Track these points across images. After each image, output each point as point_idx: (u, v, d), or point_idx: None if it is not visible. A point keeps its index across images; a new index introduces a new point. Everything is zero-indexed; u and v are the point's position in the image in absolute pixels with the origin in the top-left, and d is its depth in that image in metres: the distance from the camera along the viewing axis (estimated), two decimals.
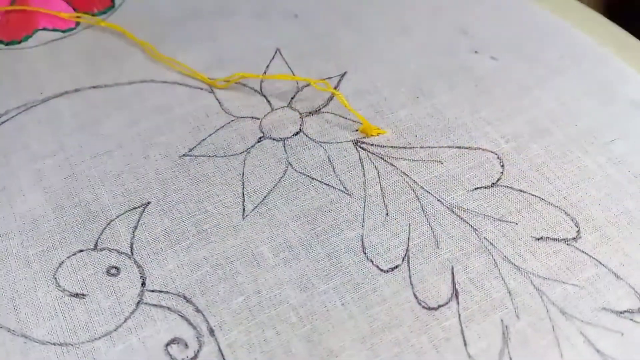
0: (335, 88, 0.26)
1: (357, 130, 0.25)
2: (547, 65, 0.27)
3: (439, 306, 0.20)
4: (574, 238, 0.22)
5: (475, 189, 0.23)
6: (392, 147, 0.24)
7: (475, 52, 0.28)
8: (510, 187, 0.23)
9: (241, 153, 0.24)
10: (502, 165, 0.24)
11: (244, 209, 0.22)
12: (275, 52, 0.28)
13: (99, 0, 0.30)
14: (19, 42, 0.28)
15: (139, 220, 0.22)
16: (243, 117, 0.25)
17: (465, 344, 0.19)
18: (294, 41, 0.28)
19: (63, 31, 0.28)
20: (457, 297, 0.20)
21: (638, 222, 0.22)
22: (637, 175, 0.23)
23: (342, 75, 0.27)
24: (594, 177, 0.23)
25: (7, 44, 0.28)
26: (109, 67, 0.27)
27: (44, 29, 0.29)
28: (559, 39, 0.29)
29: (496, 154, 0.24)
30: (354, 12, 0.30)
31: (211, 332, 0.19)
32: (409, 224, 0.22)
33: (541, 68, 0.27)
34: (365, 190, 0.23)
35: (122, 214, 0.22)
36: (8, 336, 0.19)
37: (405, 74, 0.27)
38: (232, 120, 0.25)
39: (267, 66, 0.27)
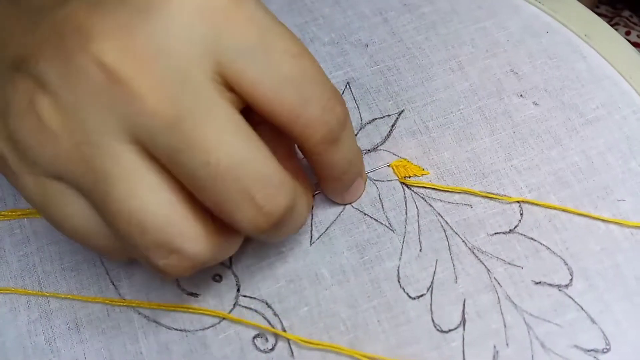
0: (392, 126, 0.31)
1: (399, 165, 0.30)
2: (582, 114, 0.31)
3: (449, 330, 0.27)
4: (566, 285, 0.28)
5: (495, 233, 0.29)
6: (432, 188, 0.30)
7: (520, 95, 0.32)
8: (524, 235, 0.29)
9: None
10: (522, 214, 0.29)
11: (311, 237, 0.29)
12: (346, 87, 0.33)
13: None
14: None
15: None
16: None
17: None
18: (362, 74, 0.33)
19: None
20: (464, 325, 0.27)
21: (622, 276, 0.28)
22: (634, 232, 0.28)
23: (399, 114, 0.32)
24: (597, 231, 0.29)
25: None
26: None
27: None
28: (602, 87, 0.32)
29: (518, 203, 0.29)
30: (418, 43, 0.34)
31: (284, 331, 0.27)
32: (437, 260, 0.28)
33: (576, 117, 0.31)
34: (405, 227, 0.29)
35: None
36: (144, 320, 0.28)
37: (454, 116, 0.31)
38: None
39: None
